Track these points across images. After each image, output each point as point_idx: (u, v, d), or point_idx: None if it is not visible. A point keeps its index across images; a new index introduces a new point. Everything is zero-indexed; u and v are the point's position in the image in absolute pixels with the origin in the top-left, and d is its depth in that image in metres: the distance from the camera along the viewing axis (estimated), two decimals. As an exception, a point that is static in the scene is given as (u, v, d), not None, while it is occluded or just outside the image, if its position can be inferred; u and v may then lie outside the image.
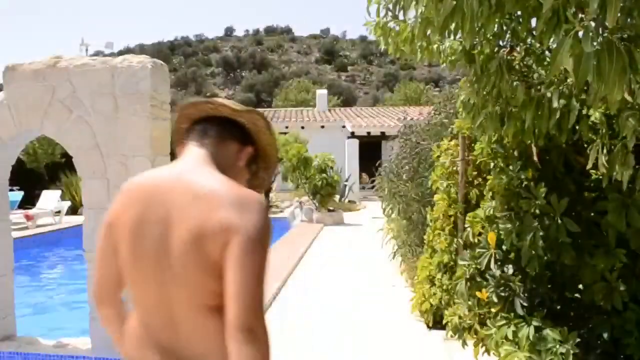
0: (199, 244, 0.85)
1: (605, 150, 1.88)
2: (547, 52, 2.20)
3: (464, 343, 2.86)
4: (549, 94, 1.98)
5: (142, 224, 0.93)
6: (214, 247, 0.84)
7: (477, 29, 2.00)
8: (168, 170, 0.98)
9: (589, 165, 2.01)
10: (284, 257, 6.90)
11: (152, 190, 0.94)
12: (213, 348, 0.86)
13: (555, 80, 2.09)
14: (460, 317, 2.89)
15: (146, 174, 1.01)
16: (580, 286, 2.41)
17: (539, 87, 2.18)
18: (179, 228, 0.88)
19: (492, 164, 2.81)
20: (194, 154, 1.00)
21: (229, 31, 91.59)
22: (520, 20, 1.95)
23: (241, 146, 1.05)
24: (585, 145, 2.40)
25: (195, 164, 0.97)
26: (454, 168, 3.75)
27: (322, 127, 19.72)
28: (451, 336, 3.05)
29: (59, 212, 11.79)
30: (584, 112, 2.17)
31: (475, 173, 3.53)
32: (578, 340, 2.16)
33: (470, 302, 2.73)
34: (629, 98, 1.65)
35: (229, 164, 1.01)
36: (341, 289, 5.50)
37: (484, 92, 2.29)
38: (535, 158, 2.54)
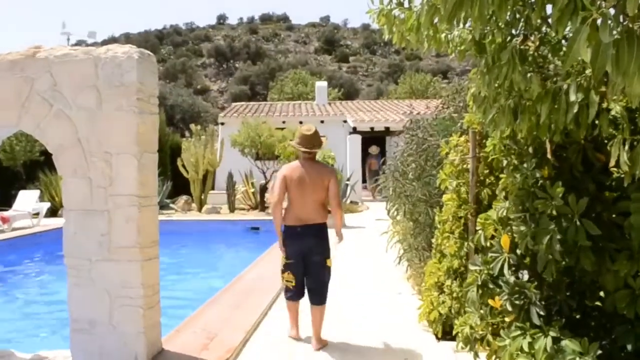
0: (323, 181, 3.98)
1: (627, 147, 1.88)
2: (563, 42, 2.21)
3: (476, 355, 2.87)
4: (565, 86, 1.99)
5: (302, 177, 3.96)
6: (327, 181, 3.99)
7: (488, 16, 2.01)
8: (302, 163, 4.06)
9: (611, 163, 2.01)
10: (277, 267, 6.90)
11: (302, 167, 4.03)
12: (318, 215, 4.01)
13: (573, 71, 2.09)
14: (471, 327, 2.90)
15: (293, 164, 4.11)
16: (602, 293, 2.41)
17: (555, 78, 2.19)
18: (317, 176, 3.99)
19: (504, 162, 2.82)
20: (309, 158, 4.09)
21: (222, 19, 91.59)
22: (534, 7, 1.96)
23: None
24: (606, 141, 2.41)
25: (311, 160, 4.09)
26: (464, 166, 3.76)
27: (322, 122, 19.71)
28: (462, 348, 3.06)
29: (37, 213, 11.80)
30: (604, 105, 2.17)
31: (486, 171, 3.54)
32: (599, 352, 2.16)
33: (482, 311, 2.74)
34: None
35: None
36: (343, 296, 5.51)
37: (496, 84, 2.30)
38: (550, 155, 2.55)
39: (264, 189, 14.34)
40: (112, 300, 3.42)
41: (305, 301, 4.18)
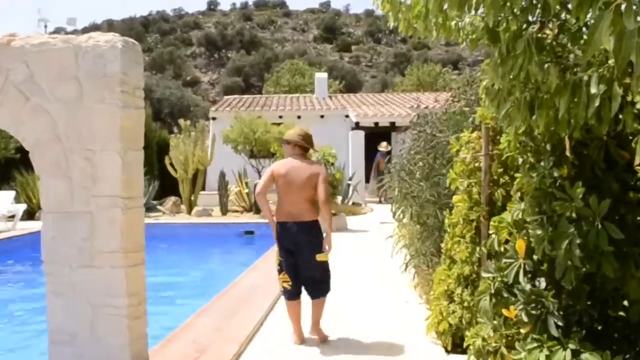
0: (311, 178, 4.28)
1: (652, 143, 1.88)
2: (584, 29, 2.21)
3: (489, 369, 2.87)
4: (586, 78, 1.99)
5: (290, 173, 4.30)
6: (314, 179, 4.28)
7: (502, 2, 2.01)
8: (291, 160, 4.41)
9: (636, 161, 2.01)
10: (273, 274, 6.91)
11: (291, 163, 4.37)
12: (308, 212, 4.30)
13: (594, 61, 2.09)
14: (484, 339, 2.90)
15: (283, 161, 4.48)
16: (625, 302, 2.41)
17: (574, 69, 2.19)
18: (305, 174, 4.29)
19: (520, 160, 2.82)
20: (303, 157, 4.46)
21: (213, 5, 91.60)
22: (553, -9, 1.96)
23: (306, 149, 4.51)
24: (630, 137, 2.41)
25: (300, 158, 4.43)
26: (476, 164, 3.76)
27: (322, 116, 19.71)
28: (473, 361, 3.05)
29: (12, 216, 11.79)
30: (628, 98, 2.17)
31: (500, 170, 3.54)
32: (622, 365, 2.16)
33: (495, 322, 2.74)
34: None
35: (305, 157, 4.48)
36: (346, 306, 5.51)
37: (511, 76, 2.29)
38: (570, 153, 2.55)
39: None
40: (95, 310, 3.42)
41: (306, 302, 4.28)
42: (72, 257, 3.43)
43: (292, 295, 4.42)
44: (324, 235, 4.38)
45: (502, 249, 2.91)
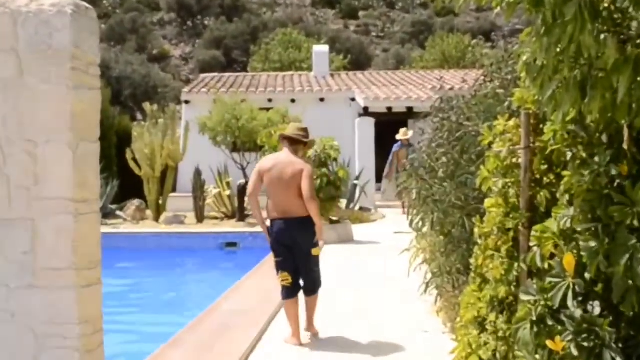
0: (294, 175, 5.13)
1: None
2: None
3: (529, 415, 2.87)
4: (652, 52, 1.99)
5: (275, 170, 5.20)
6: (299, 175, 5.11)
7: (547, -44, 2.01)
8: (279, 154, 5.49)
9: None
10: (260, 297, 6.92)
11: (277, 159, 5.37)
12: (299, 209, 5.14)
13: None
14: (523, 378, 2.90)
15: (271, 156, 6.02)
16: (699, 332, 2.41)
17: (637, 41, 2.18)
18: (288, 171, 5.16)
19: (569, 154, 2.81)
20: (286, 150, 5.41)
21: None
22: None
23: (299, 145, 5.43)
24: None
25: (288, 153, 5.35)
26: (514, 160, 3.76)
27: (322, 99, 19.75)
28: (510, 405, 3.06)
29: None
30: None
31: (544, 167, 3.54)
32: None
33: (538, 356, 2.74)
34: None
35: (296, 152, 5.38)
36: (352, 338, 5.52)
37: (558, 49, 2.29)
38: (630, 145, 2.54)
39: (243, 191, 14.32)
40: (38, 342, 3.41)
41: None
42: (9, 275, 3.42)
43: (291, 293, 5.30)
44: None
45: (546, 266, 2.91)
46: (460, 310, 4.46)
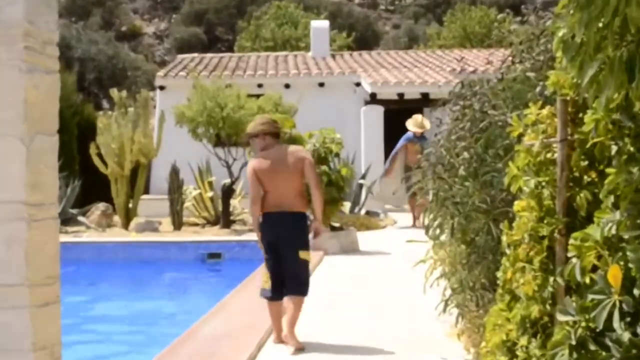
0: (296, 163, 5.78)
1: None
2: None
3: None
4: None
5: (274, 163, 5.71)
6: (300, 165, 5.78)
7: None
8: (270, 151, 5.85)
9: None
10: (249, 319, 6.92)
11: (270, 154, 5.81)
12: (295, 203, 5.78)
13: None
14: (559, 414, 2.90)
15: (261, 154, 5.90)
16: None
17: (695, 15, 2.18)
18: (287, 162, 5.76)
19: (614, 148, 2.81)
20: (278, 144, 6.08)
21: None
22: None
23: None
24: None
25: (278, 146, 5.98)
26: (548, 155, 3.76)
27: (321, 84, 19.76)
28: None
29: None
30: None
31: (585, 163, 3.54)
32: None
33: (577, 387, 2.74)
34: None
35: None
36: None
37: (600, 24, 2.29)
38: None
39: (228, 192, 14.34)
40: (-15, 371, 3.42)
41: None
42: (-49, 292, 3.42)
43: (272, 295, 5.80)
44: (310, 228, 6.03)
45: (587, 280, 2.91)
46: (485, 333, 4.47)
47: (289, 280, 5.77)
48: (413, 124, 13.95)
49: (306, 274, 5.94)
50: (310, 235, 6.00)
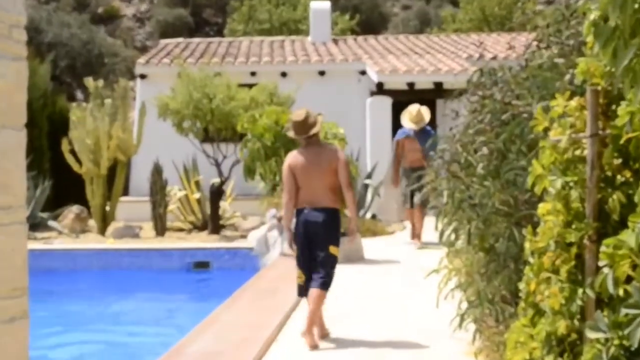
0: (330, 163, 6.56)
1: None
2: None
3: None
4: None
5: (308, 160, 6.59)
6: (335, 164, 6.56)
7: None
8: (304, 149, 6.80)
9: None
10: (240, 335, 6.92)
11: (305, 151, 6.72)
12: (327, 199, 6.56)
13: None
14: None
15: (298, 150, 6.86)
16: None
17: None
18: (322, 160, 6.59)
19: (651, 145, 2.81)
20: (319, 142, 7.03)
21: None
22: None
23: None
24: None
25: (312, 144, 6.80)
26: (577, 152, 3.76)
27: (322, 73, 19.76)
28: None
29: None
30: None
31: (618, 161, 3.54)
32: None
33: (609, 413, 2.73)
34: None
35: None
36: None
37: (636, 5, 2.28)
38: None
39: (217, 193, 14.33)
40: (-56, 395, 3.41)
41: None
42: None
43: (304, 292, 6.44)
44: (345, 225, 6.97)
45: (620, 292, 2.90)
46: (506, 351, 4.47)
47: (314, 273, 6.38)
48: (408, 118, 12.57)
49: (332, 269, 6.49)
50: (346, 238, 7.22)
